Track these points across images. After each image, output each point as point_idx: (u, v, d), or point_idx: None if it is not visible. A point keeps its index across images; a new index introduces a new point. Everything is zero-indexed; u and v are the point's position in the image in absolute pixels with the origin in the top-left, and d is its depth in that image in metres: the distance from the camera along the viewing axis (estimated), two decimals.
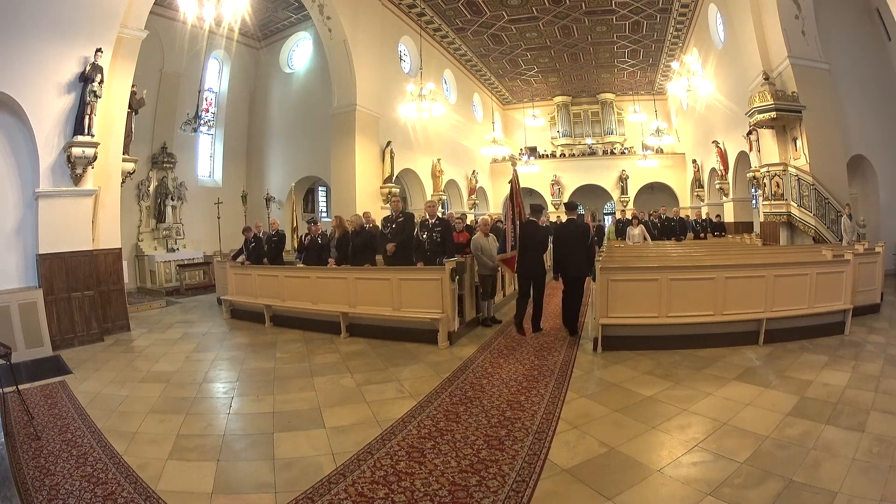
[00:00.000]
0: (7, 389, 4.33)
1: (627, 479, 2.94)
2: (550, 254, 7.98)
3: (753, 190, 14.12)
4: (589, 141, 24.03)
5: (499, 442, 3.46)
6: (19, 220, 6.75)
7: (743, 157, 13.52)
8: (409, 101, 14.17)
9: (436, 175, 17.45)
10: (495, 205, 23.64)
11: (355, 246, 7.42)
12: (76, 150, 6.70)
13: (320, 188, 18.68)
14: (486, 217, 8.60)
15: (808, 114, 10.04)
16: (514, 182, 6.90)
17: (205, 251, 14.02)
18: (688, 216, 16.95)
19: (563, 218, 7.27)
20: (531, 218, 6.74)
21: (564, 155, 24.06)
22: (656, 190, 22.15)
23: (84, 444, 3.61)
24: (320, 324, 7.12)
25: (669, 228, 13.08)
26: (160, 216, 13.43)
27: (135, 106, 8.67)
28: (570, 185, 23.16)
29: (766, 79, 10.40)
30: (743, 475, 2.89)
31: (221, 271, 9.88)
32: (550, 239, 7.90)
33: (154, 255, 12.73)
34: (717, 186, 15.83)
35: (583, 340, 6.14)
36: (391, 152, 14.21)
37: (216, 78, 16.05)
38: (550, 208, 22.27)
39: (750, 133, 11.73)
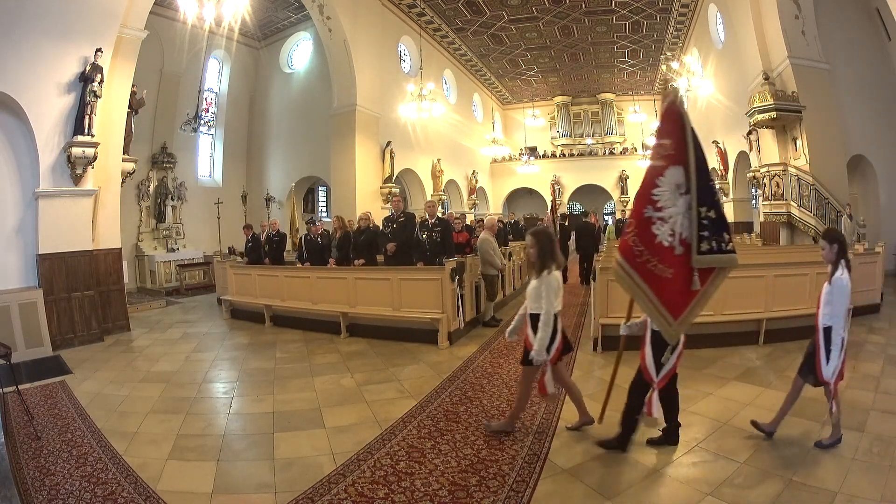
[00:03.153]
0: (7, 389, 4.34)
1: (627, 479, 2.94)
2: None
3: (753, 190, 14.10)
4: (589, 141, 24.03)
5: (499, 442, 3.46)
6: (19, 220, 6.75)
7: (743, 157, 13.51)
8: (409, 101, 14.17)
9: (436, 175, 17.44)
10: (495, 205, 23.64)
11: (359, 243, 7.44)
12: (76, 150, 6.70)
13: (320, 188, 18.67)
14: (492, 217, 8.72)
15: (808, 114, 10.04)
16: (554, 200, 13.75)
17: (205, 251, 14.01)
18: None
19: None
20: (561, 222, 11.97)
21: (564, 155, 24.05)
22: None
23: (84, 444, 3.61)
24: (320, 324, 7.12)
25: None
26: (160, 216, 13.42)
27: (135, 106, 8.67)
28: (570, 185, 23.16)
29: (766, 79, 10.40)
30: (743, 475, 2.89)
31: (221, 271, 9.89)
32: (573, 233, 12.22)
33: (154, 255, 12.72)
34: (717, 186, 15.80)
35: (583, 341, 6.15)
36: (391, 152, 14.20)
37: (216, 78, 16.04)
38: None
39: (750, 133, 11.72)
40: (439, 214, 8.26)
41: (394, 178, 14.42)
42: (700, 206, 3.00)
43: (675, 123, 3.15)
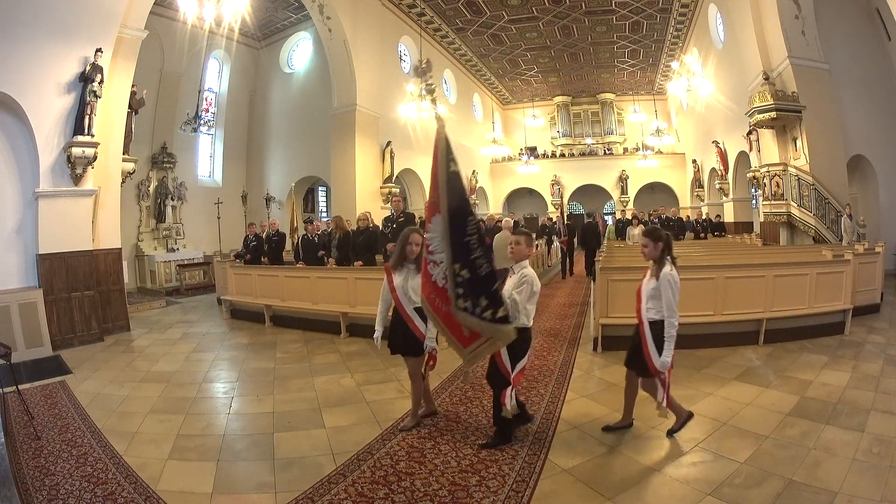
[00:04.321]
0: (7, 389, 4.33)
1: (627, 479, 2.94)
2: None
3: (753, 190, 14.12)
4: (589, 141, 24.03)
5: None
6: (19, 220, 6.75)
7: (743, 157, 13.52)
8: (409, 101, 14.17)
9: None
10: (495, 205, 23.65)
11: (358, 244, 7.43)
12: (76, 150, 6.70)
13: (320, 188, 18.67)
14: (508, 220, 8.91)
15: (808, 114, 10.04)
16: (562, 203, 14.72)
17: (205, 251, 14.00)
18: (688, 216, 16.97)
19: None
20: (568, 222, 14.00)
21: (564, 155, 24.05)
22: (656, 190, 22.15)
23: (84, 444, 3.61)
24: (320, 324, 7.12)
25: (668, 228, 13.14)
26: (160, 216, 13.41)
27: (135, 106, 8.66)
28: (570, 185, 23.15)
29: (766, 79, 10.40)
30: (743, 475, 2.89)
31: (221, 271, 9.89)
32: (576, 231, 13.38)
33: (154, 255, 12.71)
34: (717, 186, 15.83)
35: (583, 341, 6.15)
36: (391, 152, 14.21)
37: (216, 78, 16.04)
38: (551, 208, 22.36)
39: (750, 133, 11.73)
40: None
41: (394, 178, 14.43)
42: (454, 263, 2.92)
43: (435, 165, 3.02)
